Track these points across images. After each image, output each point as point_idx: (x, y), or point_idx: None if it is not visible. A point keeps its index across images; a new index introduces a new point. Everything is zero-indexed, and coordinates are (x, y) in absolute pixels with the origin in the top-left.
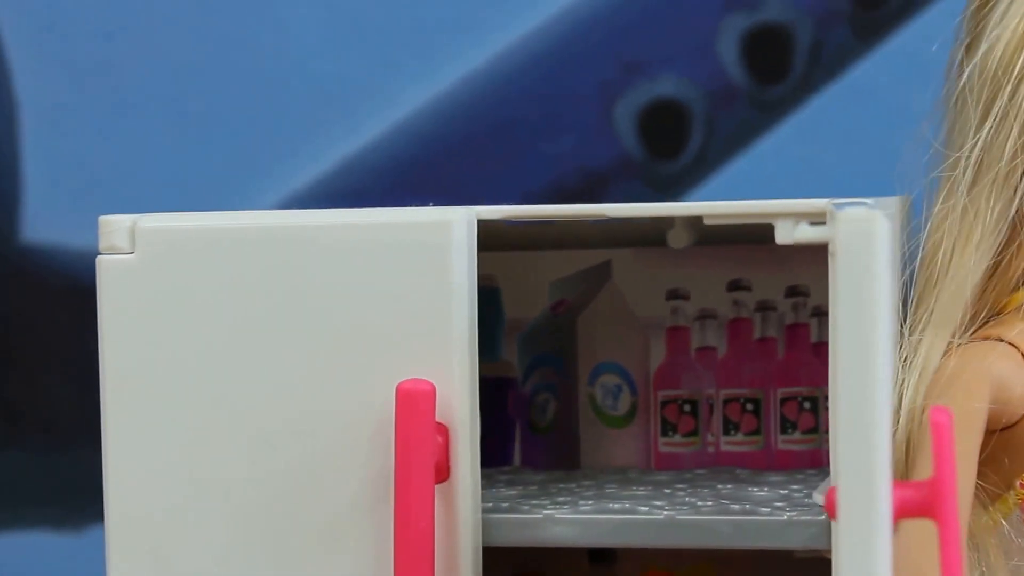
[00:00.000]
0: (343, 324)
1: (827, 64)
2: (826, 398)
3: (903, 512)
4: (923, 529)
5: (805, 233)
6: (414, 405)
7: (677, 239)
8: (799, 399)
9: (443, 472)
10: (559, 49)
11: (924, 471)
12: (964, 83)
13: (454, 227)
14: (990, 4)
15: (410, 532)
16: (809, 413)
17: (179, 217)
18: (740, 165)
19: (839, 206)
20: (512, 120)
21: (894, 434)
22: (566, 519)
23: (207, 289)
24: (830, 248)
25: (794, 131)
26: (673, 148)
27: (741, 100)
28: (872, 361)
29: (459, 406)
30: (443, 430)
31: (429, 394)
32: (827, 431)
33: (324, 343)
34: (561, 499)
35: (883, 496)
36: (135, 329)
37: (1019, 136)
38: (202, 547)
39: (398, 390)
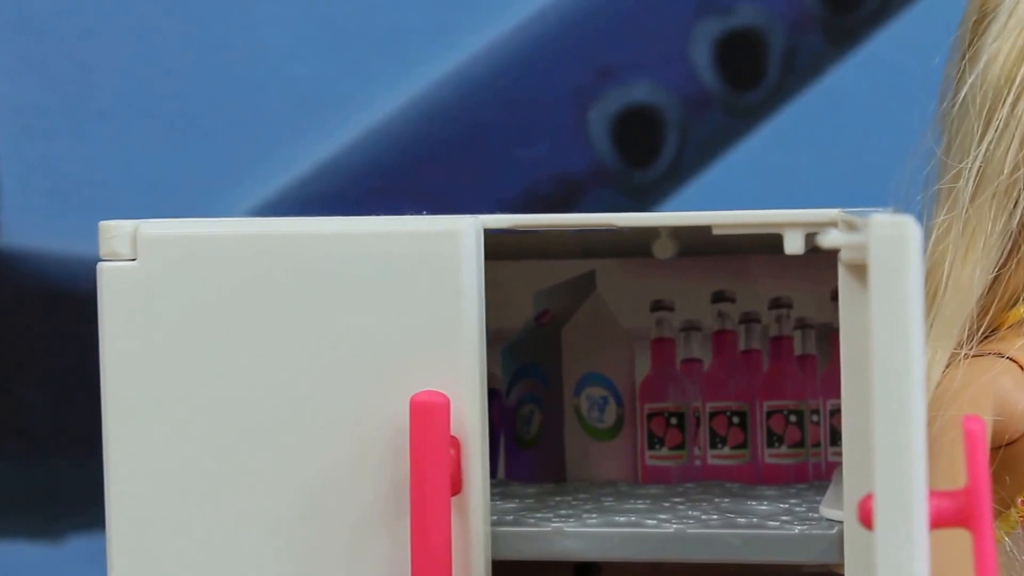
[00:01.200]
0: (351, 334)
1: (801, 70)
2: (812, 412)
3: (938, 522)
4: (949, 538)
5: (836, 240)
6: (429, 418)
7: (662, 249)
8: (785, 412)
9: (456, 485)
10: (532, 54)
11: (932, 483)
12: (965, 95)
13: (463, 237)
14: (989, 17)
15: (427, 546)
16: (795, 427)
17: (182, 223)
18: (715, 173)
19: (857, 214)
20: (485, 125)
21: None
22: (575, 532)
23: (212, 297)
24: (841, 256)
25: (769, 138)
26: (647, 155)
27: (715, 106)
28: (909, 370)
29: (470, 418)
30: (455, 443)
31: (444, 406)
32: (814, 445)
33: (332, 354)
34: (564, 512)
35: (920, 505)
36: (137, 336)
37: (1020, 148)
38: (208, 560)
39: (412, 403)
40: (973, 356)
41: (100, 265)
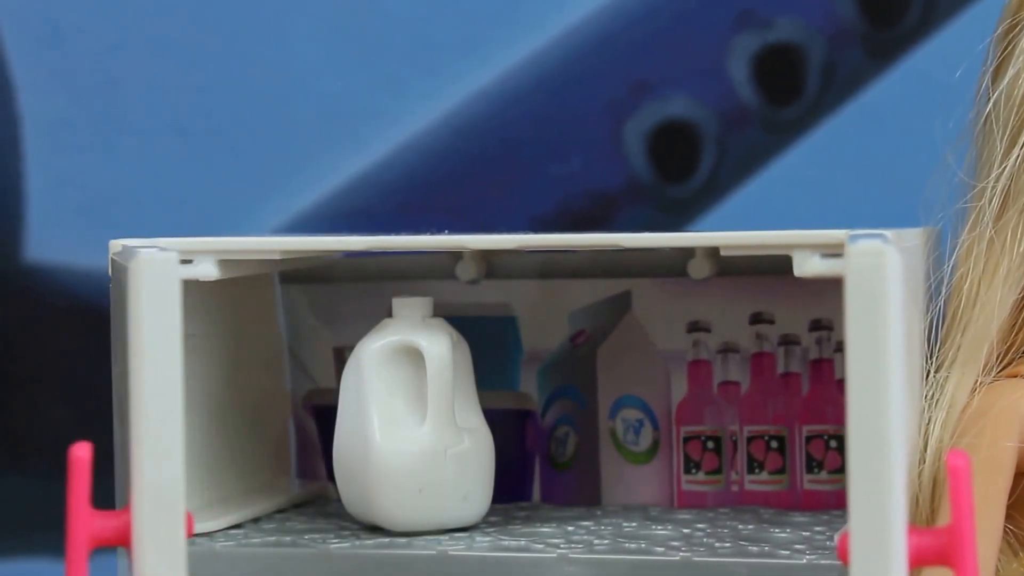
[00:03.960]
0: None
1: (840, 85)
2: None
3: (919, 560)
4: None
5: (817, 266)
6: (78, 471)
7: (698, 269)
8: (825, 437)
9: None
10: (567, 68)
11: (949, 513)
12: (990, 109)
13: (137, 274)
14: (1018, 28)
15: None
16: (835, 452)
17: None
18: (752, 189)
19: (854, 238)
20: (519, 140)
21: (920, 474)
22: (580, 559)
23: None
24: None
25: (807, 154)
26: (684, 170)
27: (753, 122)
28: (885, 400)
29: None
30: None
31: (85, 461)
32: None
33: None
34: (576, 538)
35: (898, 543)
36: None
37: None
38: None
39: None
40: (998, 379)
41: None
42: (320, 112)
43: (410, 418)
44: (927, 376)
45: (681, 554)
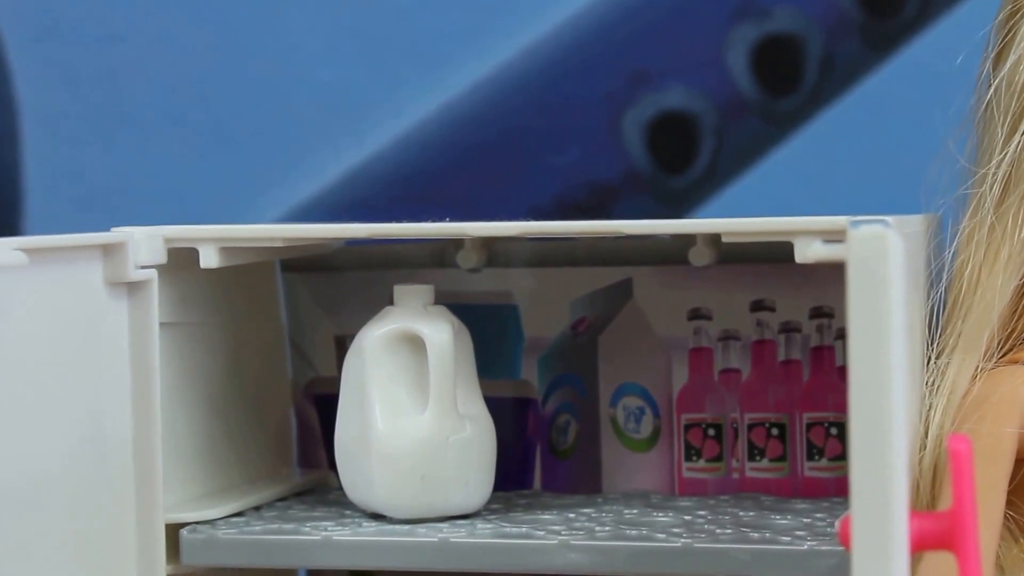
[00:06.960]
0: None
1: (838, 75)
2: None
3: (921, 544)
4: (947, 562)
5: (818, 252)
6: None
7: (699, 257)
8: (825, 424)
9: None
10: (565, 59)
11: (950, 499)
12: (991, 96)
13: None
14: (1019, 14)
15: None
16: (836, 439)
17: None
18: (751, 180)
19: (856, 224)
20: (517, 131)
21: (921, 460)
22: (581, 546)
23: None
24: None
25: (806, 144)
26: (682, 161)
27: (751, 112)
28: (886, 385)
29: None
30: None
31: None
32: None
33: None
34: (577, 525)
35: (899, 527)
36: None
37: None
38: None
39: None
40: (999, 365)
41: None
42: (319, 103)
43: (411, 406)
44: (928, 362)
45: (682, 540)
